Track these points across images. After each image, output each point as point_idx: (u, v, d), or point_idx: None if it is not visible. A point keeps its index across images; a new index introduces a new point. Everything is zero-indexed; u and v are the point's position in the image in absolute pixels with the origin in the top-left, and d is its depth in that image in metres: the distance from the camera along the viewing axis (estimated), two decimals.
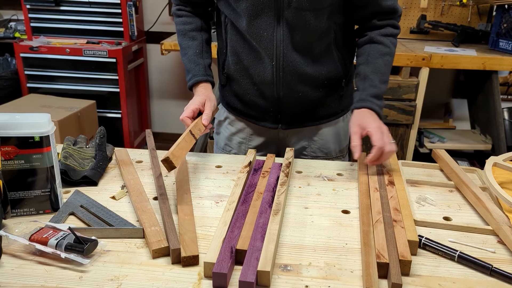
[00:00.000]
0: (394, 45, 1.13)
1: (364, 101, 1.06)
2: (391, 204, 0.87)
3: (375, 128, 0.99)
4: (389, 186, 0.95)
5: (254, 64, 1.13)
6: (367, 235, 0.76)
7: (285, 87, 1.13)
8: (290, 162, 1.04)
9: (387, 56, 1.10)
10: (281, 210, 0.83)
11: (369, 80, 1.08)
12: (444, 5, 2.75)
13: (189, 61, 1.18)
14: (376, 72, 1.08)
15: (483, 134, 2.70)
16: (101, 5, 2.93)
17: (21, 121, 0.81)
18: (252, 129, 1.25)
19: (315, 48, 1.11)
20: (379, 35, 1.11)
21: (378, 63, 1.09)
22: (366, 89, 1.07)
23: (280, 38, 1.07)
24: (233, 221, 0.79)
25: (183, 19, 1.21)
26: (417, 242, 0.75)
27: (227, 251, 0.70)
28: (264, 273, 0.66)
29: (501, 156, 1.03)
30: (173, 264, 0.72)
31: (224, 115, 1.28)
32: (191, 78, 1.16)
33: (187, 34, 1.19)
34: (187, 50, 1.19)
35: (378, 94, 1.07)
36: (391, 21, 1.13)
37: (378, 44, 1.11)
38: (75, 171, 1.00)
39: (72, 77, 3.00)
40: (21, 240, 0.73)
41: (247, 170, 1.00)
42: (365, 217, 0.82)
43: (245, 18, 1.06)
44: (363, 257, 0.72)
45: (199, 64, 1.16)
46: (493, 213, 0.83)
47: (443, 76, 3.01)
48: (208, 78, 1.16)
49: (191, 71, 1.17)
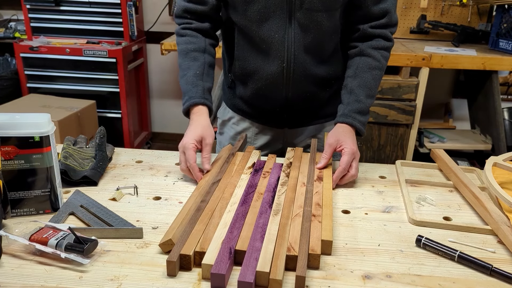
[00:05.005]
0: (386, 59, 1.10)
1: (346, 116, 1.05)
2: (314, 199, 0.87)
3: (349, 150, 0.99)
4: (316, 182, 0.95)
5: (263, 67, 1.11)
6: (284, 228, 0.77)
7: (294, 88, 1.13)
8: (291, 162, 1.04)
9: (376, 70, 1.08)
10: (280, 210, 0.83)
11: (354, 95, 1.06)
12: (444, 5, 2.75)
13: (186, 83, 1.07)
14: (362, 86, 1.06)
15: (483, 134, 2.70)
16: (101, 5, 2.93)
17: (21, 121, 0.81)
18: (257, 128, 1.25)
19: (325, 49, 1.11)
20: (370, 47, 1.08)
21: (365, 77, 1.07)
22: (350, 103, 1.06)
23: (292, 40, 1.06)
24: (233, 222, 0.79)
25: (186, 39, 1.11)
26: (331, 242, 0.75)
27: (226, 251, 0.70)
28: (263, 274, 0.65)
29: (501, 156, 1.03)
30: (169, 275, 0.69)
31: (229, 115, 1.28)
32: (187, 101, 1.05)
33: (189, 54, 1.09)
34: (187, 71, 1.08)
35: (362, 109, 1.06)
36: (383, 32, 1.09)
37: (368, 57, 1.08)
38: (75, 171, 1.00)
39: (72, 77, 3.00)
40: (21, 240, 0.73)
41: (250, 171, 1.00)
42: (286, 210, 0.83)
43: (256, 21, 1.05)
44: (274, 249, 0.71)
45: (198, 85, 1.06)
46: (492, 213, 0.83)
47: (443, 76, 3.01)
48: (206, 102, 1.06)
49: (187, 93, 1.06)
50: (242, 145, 1.17)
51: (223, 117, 1.30)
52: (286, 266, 0.69)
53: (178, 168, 1.08)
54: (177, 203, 0.91)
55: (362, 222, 0.86)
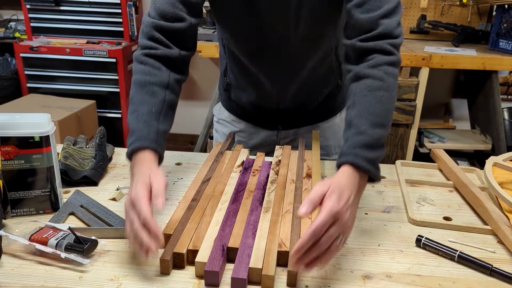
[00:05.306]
0: (392, 76, 0.83)
1: (345, 155, 0.75)
2: (304, 196, 0.88)
3: (329, 207, 0.64)
4: (305, 179, 0.95)
5: (254, 87, 1.11)
6: (274, 224, 0.77)
7: (286, 102, 1.13)
8: (279, 160, 1.05)
9: (380, 91, 0.80)
10: (271, 208, 0.83)
11: (354, 127, 0.78)
12: (444, 5, 2.75)
13: (137, 120, 0.82)
14: (362, 114, 0.78)
15: (483, 134, 2.70)
16: (101, 5, 2.93)
17: (21, 121, 0.81)
18: (252, 129, 1.25)
19: (318, 70, 1.10)
20: (366, 67, 0.83)
21: (366, 102, 0.80)
22: (350, 138, 0.77)
23: (281, 71, 1.05)
24: (224, 220, 0.80)
25: (145, 68, 0.87)
26: None
27: (219, 249, 0.71)
28: (256, 270, 0.66)
29: (501, 156, 1.03)
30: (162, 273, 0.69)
31: (224, 114, 1.28)
32: (133, 142, 0.80)
33: (146, 87, 0.86)
34: (139, 106, 0.84)
35: (368, 142, 0.75)
36: (378, 44, 0.84)
37: (366, 79, 0.82)
38: (75, 171, 1.00)
39: (72, 77, 3.00)
40: (21, 240, 0.73)
41: (240, 169, 1.01)
42: (276, 207, 0.83)
43: (246, 55, 1.04)
44: (266, 245, 0.72)
45: (151, 126, 0.82)
46: (492, 213, 0.83)
47: (443, 76, 3.01)
48: (158, 149, 0.80)
49: (136, 132, 0.81)
50: (231, 143, 1.18)
51: (219, 116, 1.30)
52: (278, 261, 0.70)
53: (178, 168, 1.08)
54: (177, 203, 0.91)
55: (362, 222, 0.86)
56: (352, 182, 0.71)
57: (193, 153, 1.19)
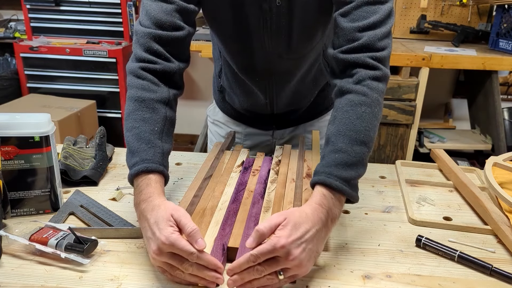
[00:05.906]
0: (376, 91, 0.78)
1: (318, 174, 0.72)
2: (304, 195, 0.87)
3: (275, 241, 0.62)
4: (305, 178, 0.95)
5: (247, 95, 1.12)
6: None
7: (279, 107, 1.14)
8: (279, 160, 1.05)
9: (362, 106, 0.76)
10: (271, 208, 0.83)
11: (331, 144, 0.75)
12: (444, 5, 2.75)
13: (138, 139, 0.77)
14: (341, 131, 0.75)
15: (483, 134, 2.70)
16: (101, 5, 2.93)
17: (21, 121, 0.81)
18: (247, 130, 1.25)
19: (310, 74, 1.10)
20: (350, 83, 0.79)
21: (346, 118, 0.76)
22: (326, 156, 0.74)
23: (274, 81, 1.06)
24: (224, 220, 0.80)
25: (144, 83, 0.81)
26: None
27: (219, 249, 0.71)
28: None
29: (501, 156, 1.03)
30: None
31: (219, 115, 1.28)
32: (137, 163, 0.74)
33: (145, 102, 0.80)
34: (140, 123, 0.78)
35: (343, 160, 0.72)
36: (359, 58, 0.78)
37: (348, 94, 0.78)
38: (75, 171, 1.00)
39: (72, 77, 3.00)
40: (21, 240, 0.73)
41: (240, 169, 1.01)
42: (276, 206, 0.83)
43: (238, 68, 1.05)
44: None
45: (156, 146, 0.77)
46: (492, 213, 0.83)
47: (443, 76, 3.01)
48: (165, 171, 0.77)
49: (139, 153, 0.75)
50: (231, 142, 1.19)
51: (214, 116, 1.30)
52: None
53: (178, 168, 1.08)
54: (177, 203, 0.91)
55: (362, 222, 0.86)
56: (317, 216, 0.67)
57: (193, 153, 1.19)
